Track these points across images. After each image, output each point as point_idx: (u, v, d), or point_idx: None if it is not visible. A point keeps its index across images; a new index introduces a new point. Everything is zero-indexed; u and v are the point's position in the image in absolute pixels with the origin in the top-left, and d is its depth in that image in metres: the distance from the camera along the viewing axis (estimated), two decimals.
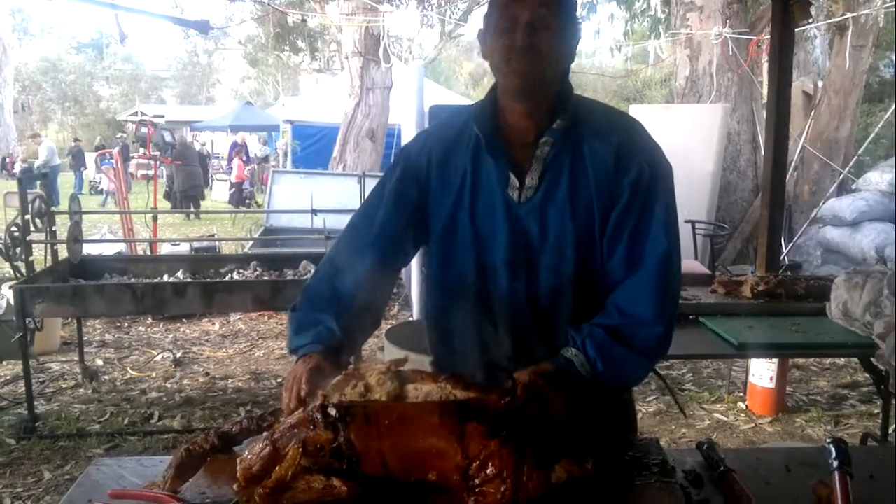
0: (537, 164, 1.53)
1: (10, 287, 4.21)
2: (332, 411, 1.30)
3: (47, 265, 4.83)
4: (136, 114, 29.36)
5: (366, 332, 1.78)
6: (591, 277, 1.56)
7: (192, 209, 14.68)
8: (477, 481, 1.26)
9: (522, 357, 1.53)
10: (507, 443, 1.27)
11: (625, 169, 1.51)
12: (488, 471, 1.25)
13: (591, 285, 1.57)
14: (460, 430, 1.28)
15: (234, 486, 1.34)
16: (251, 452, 1.33)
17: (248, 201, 16.99)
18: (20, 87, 34.67)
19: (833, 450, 1.48)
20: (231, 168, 17.82)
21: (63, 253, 4.90)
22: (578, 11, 1.62)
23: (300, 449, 1.28)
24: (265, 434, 1.35)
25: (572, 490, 1.33)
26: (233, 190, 17.12)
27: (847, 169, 7.84)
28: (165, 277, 4.91)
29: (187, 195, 15.31)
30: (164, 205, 14.30)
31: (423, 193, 1.63)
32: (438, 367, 1.70)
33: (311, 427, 1.30)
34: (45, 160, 16.93)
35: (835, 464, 1.44)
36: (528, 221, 1.55)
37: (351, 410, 1.31)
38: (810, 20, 5.11)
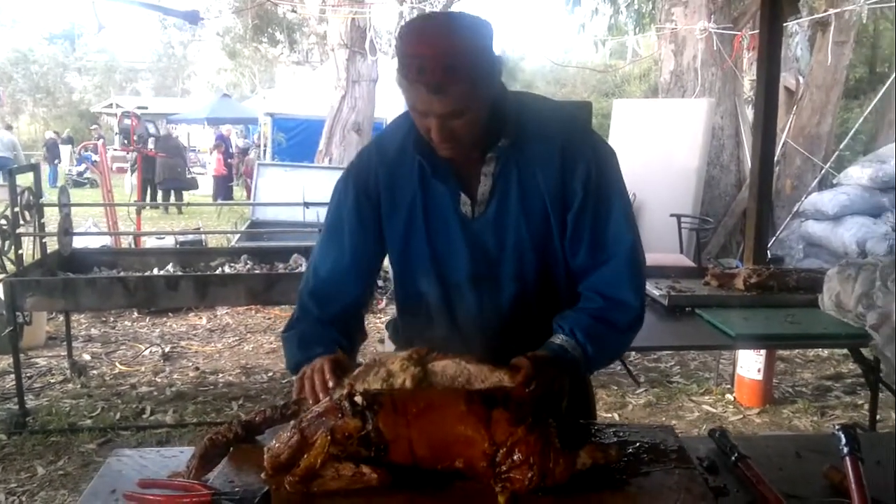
0: (486, 180, 1.56)
1: (0, 280, 4.16)
2: (360, 400, 1.33)
3: (35, 258, 4.77)
4: (110, 105, 29.01)
5: (359, 343, 1.81)
6: (553, 280, 1.63)
7: (172, 202, 14.54)
8: (504, 468, 1.28)
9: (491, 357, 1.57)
10: (533, 429, 1.29)
11: (572, 170, 1.54)
12: (515, 457, 1.27)
13: (553, 287, 1.63)
14: (487, 417, 1.30)
15: (262, 475, 1.35)
16: (279, 441, 1.34)
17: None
18: None
19: (843, 436, 1.52)
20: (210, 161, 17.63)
21: (51, 246, 4.85)
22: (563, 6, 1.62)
23: (328, 437, 1.30)
24: (292, 423, 1.37)
25: (596, 476, 1.37)
26: (216, 184, 16.98)
27: (828, 164, 7.95)
28: (155, 271, 4.88)
29: (167, 188, 15.15)
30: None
31: (377, 212, 1.64)
32: None
33: (339, 415, 1.32)
34: None
35: (846, 450, 1.48)
36: (485, 235, 1.59)
37: (379, 399, 1.34)
38: (798, 15, 5.17)
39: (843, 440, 1.51)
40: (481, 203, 1.57)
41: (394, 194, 1.61)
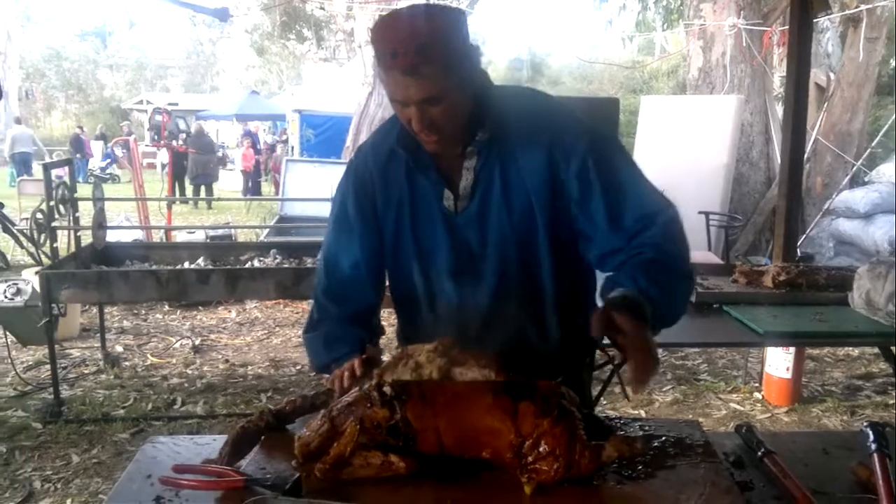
0: (468, 174, 1.56)
1: (36, 273, 4.25)
2: (388, 390, 1.35)
3: (70, 251, 4.87)
4: (141, 102, 29.36)
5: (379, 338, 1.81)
6: (536, 276, 1.61)
7: (203, 196, 14.71)
8: (530, 459, 1.30)
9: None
10: (559, 421, 1.31)
11: (564, 166, 1.52)
12: (541, 448, 1.29)
13: (536, 282, 1.62)
14: (513, 408, 1.32)
15: (293, 463, 1.38)
16: (309, 430, 1.37)
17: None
18: (24, 75, 34.67)
19: (871, 433, 1.52)
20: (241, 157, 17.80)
21: (85, 239, 4.94)
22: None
23: (358, 426, 1.33)
24: (322, 412, 1.40)
25: (621, 469, 1.38)
26: (245, 179, 17.16)
27: (860, 161, 7.84)
28: (186, 264, 4.96)
29: (199, 183, 15.34)
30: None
31: (375, 209, 1.66)
32: None
33: (369, 405, 1.35)
34: (10, 147, 17.03)
35: (873, 446, 1.48)
36: (468, 231, 1.59)
37: (407, 389, 1.36)
38: (829, 11, 5.11)
39: (871, 437, 1.51)
40: (464, 198, 1.58)
41: (386, 191, 1.63)
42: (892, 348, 3.20)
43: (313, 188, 7.61)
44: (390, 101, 1.48)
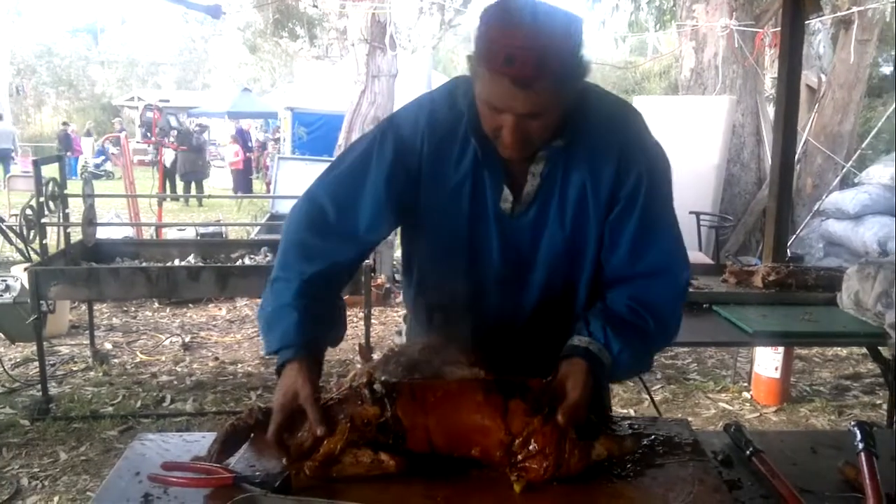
0: (533, 179, 1.47)
1: (25, 269, 4.23)
2: (378, 387, 1.34)
3: (59, 248, 4.85)
4: (132, 99, 29.22)
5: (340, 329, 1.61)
6: (575, 291, 1.57)
7: (193, 194, 14.66)
8: (520, 457, 1.30)
9: (503, 360, 1.51)
10: (549, 420, 1.30)
11: (623, 179, 1.46)
12: (531, 447, 1.29)
13: (574, 298, 1.58)
14: (504, 407, 1.32)
15: (283, 460, 1.38)
16: (302, 429, 1.36)
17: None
18: (14, 71, 34.49)
19: (858, 432, 1.53)
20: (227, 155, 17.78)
21: (74, 236, 4.92)
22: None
23: (348, 424, 1.32)
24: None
25: (610, 467, 1.38)
26: (234, 177, 17.12)
27: (850, 163, 7.88)
28: (177, 262, 4.94)
29: (188, 180, 15.28)
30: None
31: (413, 180, 1.50)
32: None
33: (359, 402, 1.34)
34: None
35: (860, 445, 1.48)
36: (520, 237, 1.51)
37: (397, 386, 1.35)
38: (821, 13, 5.13)
39: (858, 436, 1.51)
40: (524, 203, 1.48)
41: (439, 167, 1.49)
42: (881, 348, 3.22)
43: (305, 186, 7.55)
44: (481, 104, 1.35)
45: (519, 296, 1.57)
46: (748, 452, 1.54)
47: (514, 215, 1.50)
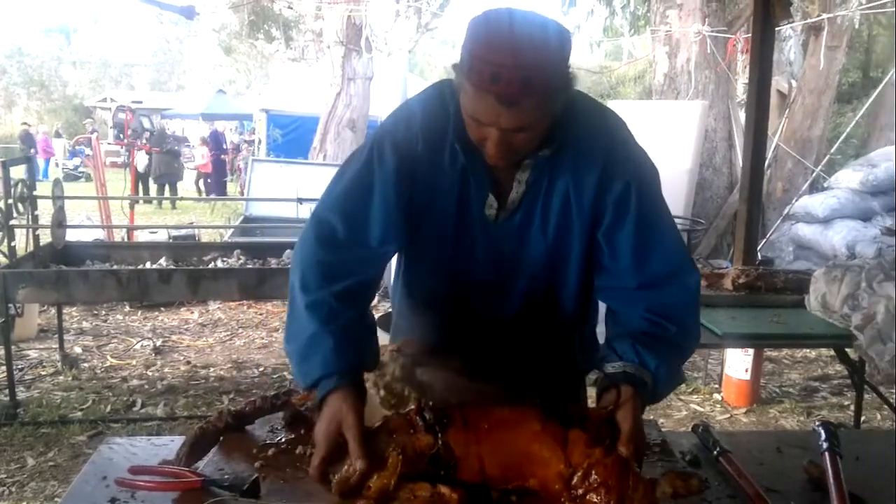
0: (518, 187, 1.46)
1: None
2: (428, 415, 1.27)
3: (28, 250, 4.78)
4: (105, 100, 28.90)
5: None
6: (559, 298, 1.56)
7: (167, 196, 14.55)
8: (580, 491, 1.23)
9: (487, 363, 1.52)
10: (611, 452, 1.24)
11: (608, 187, 1.44)
12: (591, 479, 1.22)
13: (557, 305, 1.57)
14: (563, 437, 1.25)
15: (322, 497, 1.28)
16: (344, 463, 1.25)
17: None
18: None
19: (822, 432, 1.56)
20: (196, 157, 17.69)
21: (44, 238, 4.85)
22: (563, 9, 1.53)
23: (400, 455, 1.23)
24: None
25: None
26: (200, 179, 17.06)
27: (819, 167, 8.00)
28: (148, 265, 4.89)
29: (162, 182, 15.15)
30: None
31: (411, 190, 1.49)
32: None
33: (412, 431, 1.26)
34: None
35: (825, 445, 1.51)
36: (504, 243, 1.50)
37: (448, 413, 1.28)
38: (791, 20, 5.21)
39: (823, 436, 1.54)
40: (508, 210, 1.47)
41: (430, 174, 1.47)
42: (847, 350, 3.27)
43: (279, 188, 7.56)
44: (466, 116, 1.34)
45: (501, 302, 1.56)
46: (715, 452, 1.56)
47: (498, 221, 1.48)
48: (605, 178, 1.43)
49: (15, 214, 4.46)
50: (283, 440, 1.53)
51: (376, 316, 1.66)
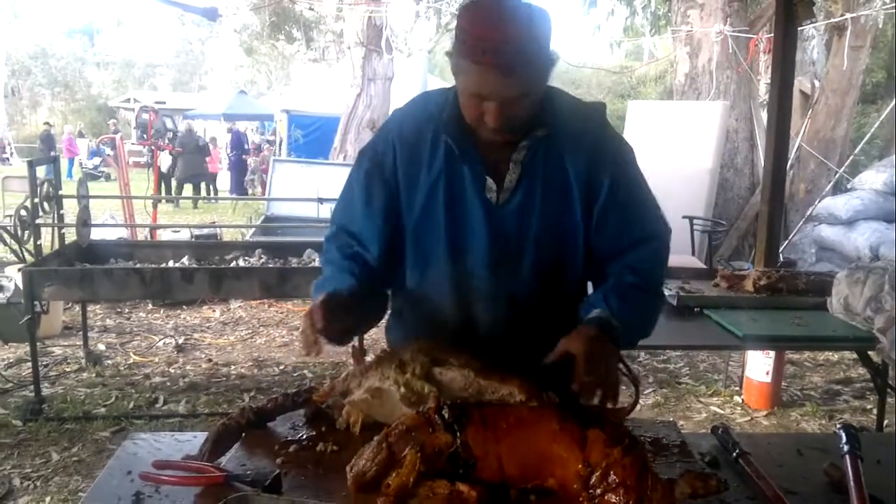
0: (515, 167, 1.55)
1: (19, 270, 4.23)
2: (447, 413, 1.28)
3: (54, 249, 4.85)
4: (128, 100, 29.19)
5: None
6: (565, 273, 1.65)
7: (192, 195, 14.68)
8: (598, 490, 1.23)
9: (500, 346, 1.60)
10: (629, 451, 1.24)
11: (601, 164, 1.57)
12: (610, 479, 1.22)
13: (564, 280, 1.66)
14: (581, 436, 1.26)
15: (343, 494, 1.31)
16: (362, 458, 1.29)
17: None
18: (10, 72, 34.43)
19: (844, 435, 1.55)
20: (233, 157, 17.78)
21: (69, 237, 4.92)
22: (580, 8, 1.64)
23: (419, 453, 1.24)
24: (376, 438, 1.31)
25: None
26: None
27: (843, 168, 7.92)
28: (171, 263, 4.95)
29: (189, 182, 15.28)
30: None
31: (391, 190, 1.61)
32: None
33: (430, 429, 1.27)
34: None
35: (846, 448, 1.50)
36: (508, 223, 1.57)
37: (467, 412, 1.29)
38: (813, 19, 5.17)
39: (844, 438, 1.53)
40: (507, 190, 1.56)
41: (412, 174, 1.59)
42: (870, 353, 3.24)
43: (300, 188, 7.61)
44: (464, 93, 1.46)
45: (512, 280, 1.61)
46: (735, 454, 1.55)
47: (500, 202, 1.57)
48: (597, 157, 1.57)
49: (41, 213, 4.53)
50: (305, 437, 1.54)
51: None
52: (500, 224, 1.58)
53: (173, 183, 15.63)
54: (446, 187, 1.57)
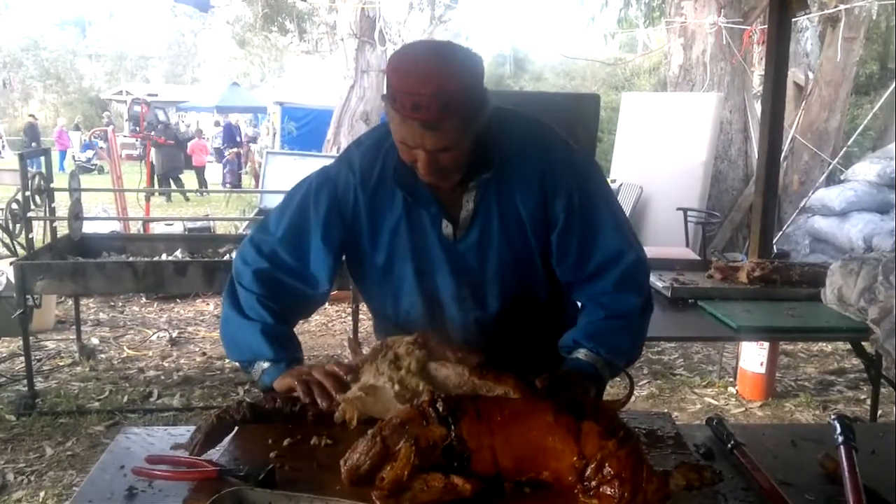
0: (467, 206, 1.60)
1: (11, 263, 4.21)
2: (441, 406, 1.27)
3: (46, 242, 4.83)
4: (120, 93, 29.04)
5: None
6: (535, 296, 1.71)
7: (175, 189, 14.63)
8: (593, 483, 1.23)
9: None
10: (624, 443, 1.24)
11: (553, 196, 1.59)
12: (605, 471, 1.23)
13: (536, 302, 1.71)
14: (576, 429, 1.26)
15: (338, 487, 1.30)
16: (356, 451, 1.29)
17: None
18: (1, 64, 34.23)
19: (838, 425, 1.55)
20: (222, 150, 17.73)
21: (61, 230, 4.90)
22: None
23: (413, 447, 1.24)
24: (370, 431, 1.30)
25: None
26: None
27: (836, 160, 7.93)
28: (164, 256, 4.93)
29: (168, 177, 15.22)
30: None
31: (350, 234, 1.65)
32: None
33: (424, 422, 1.26)
34: None
35: (840, 438, 1.50)
36: (468, 257, 1.63)
37: (462, 405, 1.28)
38: (808, 11, 5.17)
39: (838, 429, 1.53)
40: (462, 227, 1.61)
41: (376, 219, 1.63)
42: (863, 344, 3.25)
43: (293, 181, 7.53)
44: (397, 141, 1.49)
45: (480, 310, 1.68)
46: (729, 445, 1.55)
47: (458, 239, 1.62)
48: (549, 189, 1.59)
49: (32, 206, 4.50)
50: (299, 431, 1.53)
51: None
52: (459, 259, 1.63)
53: (155, 179, 15.58)
54: (408, 228, 1.62)
